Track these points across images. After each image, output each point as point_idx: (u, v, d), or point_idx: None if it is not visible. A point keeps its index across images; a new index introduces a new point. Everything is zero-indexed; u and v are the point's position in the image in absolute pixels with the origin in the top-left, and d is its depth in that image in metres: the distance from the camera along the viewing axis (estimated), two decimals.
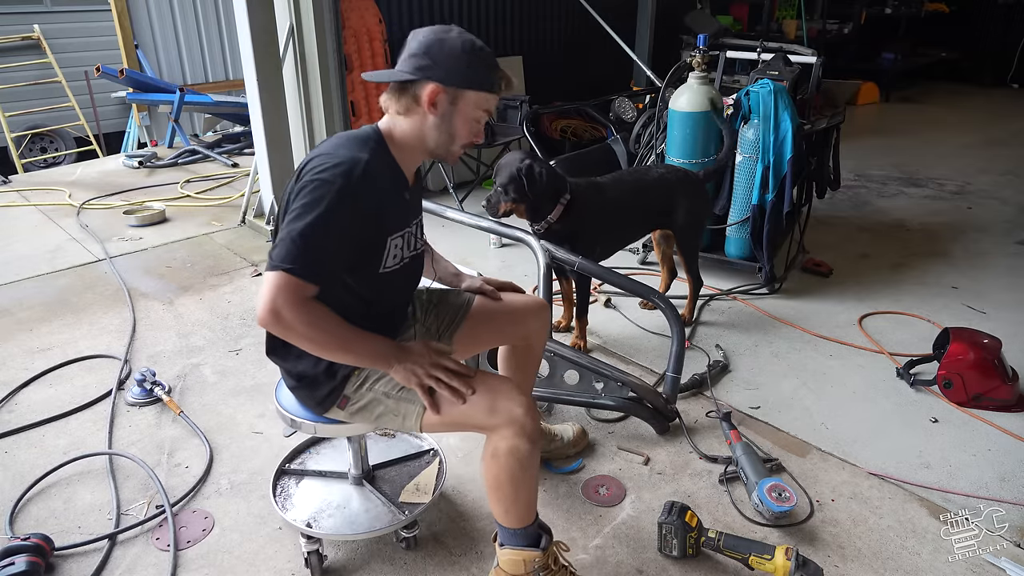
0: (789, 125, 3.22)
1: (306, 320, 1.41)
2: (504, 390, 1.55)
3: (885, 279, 3.62)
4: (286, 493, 1.94)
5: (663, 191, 2.93)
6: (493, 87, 1.54)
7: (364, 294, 1.59)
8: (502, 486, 1.56)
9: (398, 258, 1.62)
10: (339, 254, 1.46)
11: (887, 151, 6.20)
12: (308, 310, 1.41)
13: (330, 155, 1.47)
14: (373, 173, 1.47)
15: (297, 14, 4.02)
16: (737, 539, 1.85)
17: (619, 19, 5.88)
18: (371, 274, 1.57)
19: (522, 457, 1.52)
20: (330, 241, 1.42)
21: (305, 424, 1.70)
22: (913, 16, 8.98)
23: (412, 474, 2.00)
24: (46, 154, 7.22)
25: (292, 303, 1.39)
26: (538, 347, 2.00)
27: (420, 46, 1.50)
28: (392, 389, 1.60)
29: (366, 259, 1.55)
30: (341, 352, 1.51)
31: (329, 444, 2.11)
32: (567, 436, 2.27)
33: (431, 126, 1.54)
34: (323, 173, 1.43)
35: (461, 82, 1.51)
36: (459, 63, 1.50)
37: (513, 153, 2.72)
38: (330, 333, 1.45)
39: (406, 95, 1.52)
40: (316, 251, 1.41)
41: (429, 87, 1.49)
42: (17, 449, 2.34)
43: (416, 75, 1.50)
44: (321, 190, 1.41)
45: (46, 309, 3.30)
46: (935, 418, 2.50)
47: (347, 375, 1.61)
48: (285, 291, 1.39)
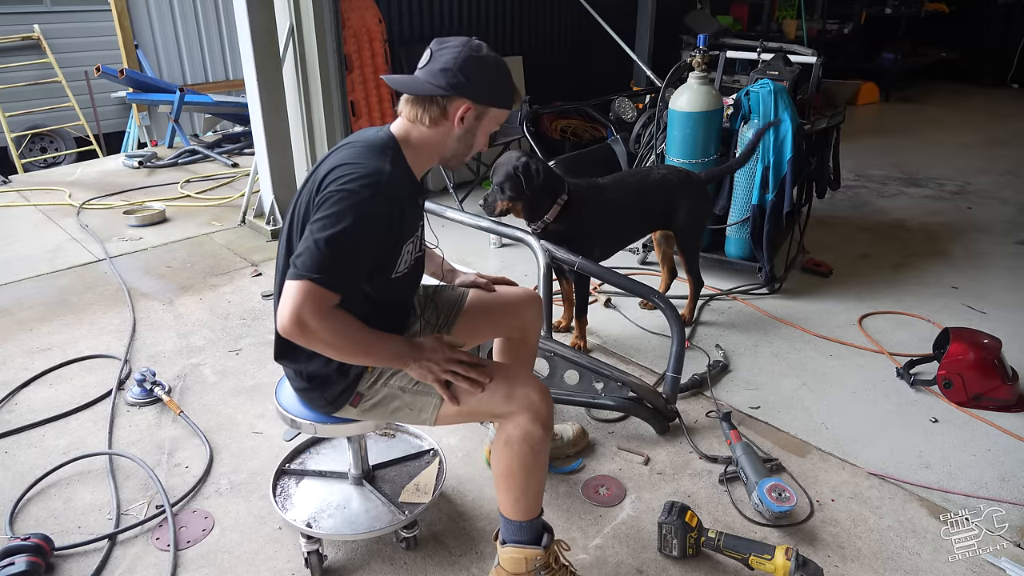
0: (789, 125, 3.22)
1: (331, 328, 1.43)
2: (521, 377, 1.60)
3: (885, 279, 3.62)
4: (286, 493, 1.94)
5: (665, 192, 2.92)
6: (512, 103, 1.61)
7: (377, 297, 1.60)
8: (514, 474, 1.58)
9: (407, 262, 1.64)
10: (363, 264, 1.48)
11: (887, 151, 6.20)
12: (333, 318, 1.43)
13: (355, 164, 1.47)
14: (396, 183, 1.49)
15: (297, 14, 4.02)
16: (737, 539, 1.85)
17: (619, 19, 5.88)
18: (385, 279, 1.59)
19: (535, 443, 1.55)
20: (356, 252, 1.44)
21: (305, 424, 1.70)
22: (913, 16, 8.97)
23: (412, 474, 2.00)
24: (46, 154, 7.22)
25: (317, 312, 1.40)
26: (533, 338, 2.03)
27: (455, 62, 1.51)
28: (408, 383, 1.62)
29: (383, 266, 1.56)
30: (361, 356, 1.53)
31: (329, 444, 2.12)
32: (567, 436, 2.28)
33: (454, 138, 1.58)
34: (350, 184, 1.43)
35: (490, 100, 1.57)
36: (491, 82, 1.56)
37: (511, 152, 2.72)
38: (352, 339, 1.47)
39: (434, 107, 1.54)
40: (343, 261, 1.42)
41: (462, 104, 1.53)
42: (17, 449, 2.34)
43: (449, 92, 1.52)
44: (348, 200, 1.42)
45: (46, 309, 3.30)
46: (935, 418, 2.50)
47: (360, 373, 1.63)
48: (311, 300, 1.40)
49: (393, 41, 4.93)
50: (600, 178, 2.89)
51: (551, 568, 1.66)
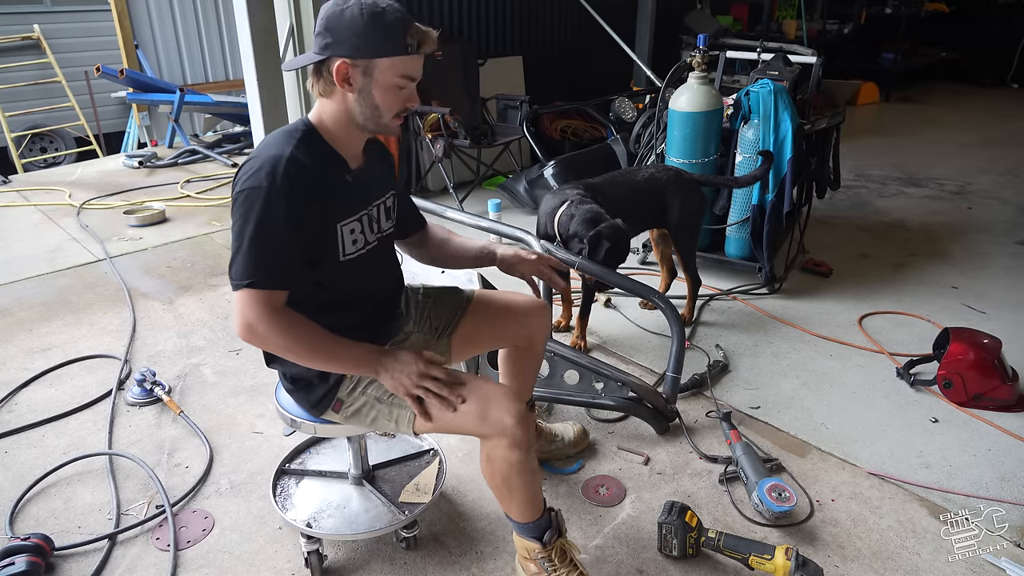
0: (789, 125, 3.22)
1: (280, 330, 1.41)
2: (495, 398, 1.51)
3: (885, 279, 3.62)
4: (286, 493, 1.94)
5: (655, 190, 2.92)
6: (406, 48, 1.41)
7: (334, 285, 1.56)
8: (498, 487, 1.60)
9: (359, 243, 1.57)
10: (292, 254, 1.43)
11: (887, 151, 6.20)
12: (280, 320, 1.41)
13: (253, 159, 1.43)
14: (299, 165, 1.41)
15: (297, 14, 4.02)
16: (737, 539, 1.85)
17: (619, 19, 5.89)
18: (332, 264, 1.53)
19: (515, 463, 1.53)
20: (278, 242, 1.40)
21: (305, 424, 1.70)
22: (913, 16, 8.98)
23: (412, 474, 2.00)
24: (46, 154, 7.22)
25: (263, 315, 1.39)
26: (539, 347, 1.97)
27: (321, 22, 1.43)
28: (383, 394, 1.59)
29: (320, 250, 1.51)
30: (323, 360, 1.50)
31: (329, 444, 2.11)
32: (568, 436, 2.26)
33: (352, 102, 1.46)
34: (248, 181, 1.40)
35: (368, 51, 1.41)
36: (361, 32, 1.39)
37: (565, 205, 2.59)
38: (308, 342, 1.45)
39: (322, 76, 1.46)
40: (269, 257, 1.40)
41: (336, 64, 1.42)
42: (17, 449, 2.34)
43: (323, 54, 1.43)
44: (250, 198, 1.39)
45: (46, 309, 3.30)
46: (935, 418, 2.50)
47: (340, 379, 1.61)
48: (253, 305, 1.39)
49: None
50: (592, 178, 2.89)
51: (553, 563, 1.67)
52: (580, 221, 2.54)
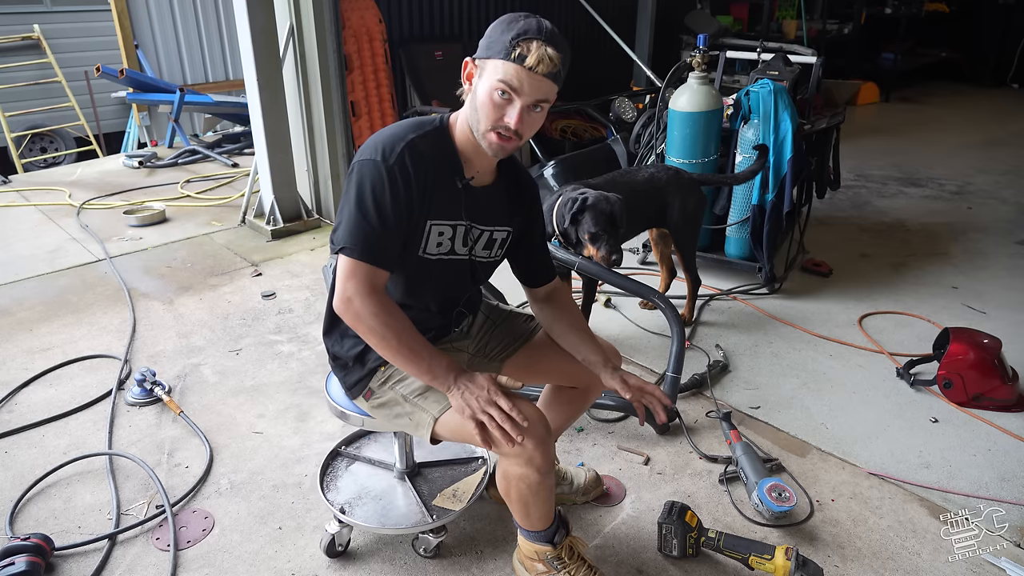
0: (789, 125, 3.22)
1: (374, 312, 1.43)
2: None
3: (885, 279, 3.62)
4: (334, 474, 1.98)
5: (654, 190, 2.92)
6: (509, 55, 1.35)
7: (403, 272, 1.56)
8: (512, 502, 1.61)
9: (444, 248, 1.56)
10: (393, 226, 1.44)
11: (887, 151, 6.20)
12: (377, 301, 1.44)
13: (377, 137, 1.47)
14: (416, 151, 1.44)
15: (297, 14, 4.02)
16: (737, 539, 1.85)
17: (619, 19, 5.89)
18: (411, 255, 1.53)
19: (531, 483, 1.53)
20: (382, 211, 1.42)
21: (353, 417, 1.71)
22: (913, 16, 8.97)
23: (455, 478, 1.97)
24: (46, 154, 7.22)
25: (362, 291, 1.43)
26: (595, 394, 1.85)
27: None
28: (411, 393, 1.58)
29: (407, 237, 1.51)
30: (404, 356, 1.48)
31: (387, 433, 2.10)
32: (579, 482, 2.07)
33: (468, 102, 1.47)
34: (365, 153, 1.45)
35: (484, 52, 1.41)
36: (490, 35, 1.41)
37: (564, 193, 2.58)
38: (395, 332, 1.46)
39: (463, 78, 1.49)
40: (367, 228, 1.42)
41: (466, 63, 1.46)
42: (17, 449, 2.34)
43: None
44: (363, 170, 1.43)
45: (46, 309, 3.30)
46: (935, 418, 2.50)
47: (375, 368, 1.61)
48: (354, 279, 1.43)
49: (393, 41, 4.92)
50: (592, 179, 2.89)
51: (564, 561, 1.68)
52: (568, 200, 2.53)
